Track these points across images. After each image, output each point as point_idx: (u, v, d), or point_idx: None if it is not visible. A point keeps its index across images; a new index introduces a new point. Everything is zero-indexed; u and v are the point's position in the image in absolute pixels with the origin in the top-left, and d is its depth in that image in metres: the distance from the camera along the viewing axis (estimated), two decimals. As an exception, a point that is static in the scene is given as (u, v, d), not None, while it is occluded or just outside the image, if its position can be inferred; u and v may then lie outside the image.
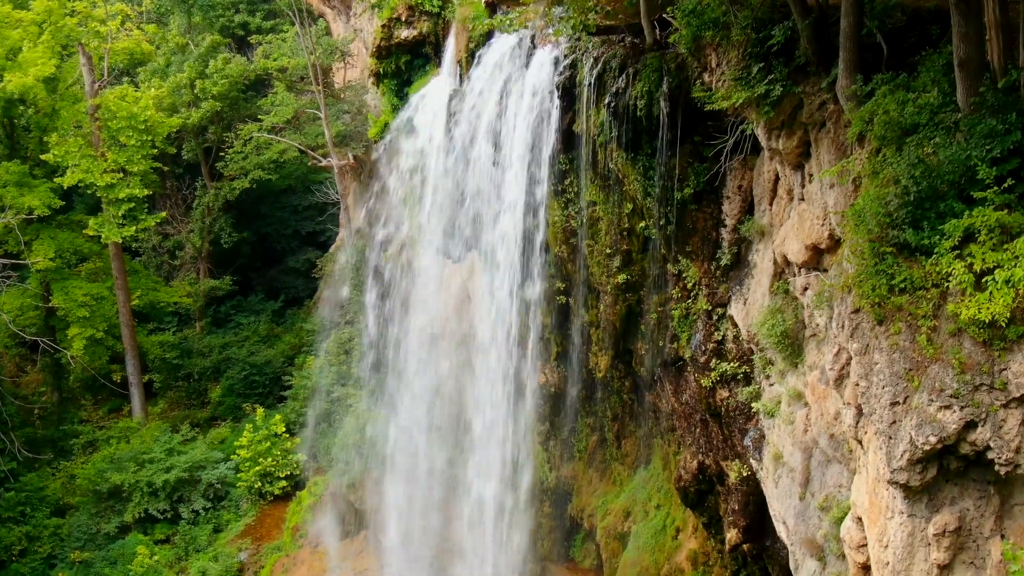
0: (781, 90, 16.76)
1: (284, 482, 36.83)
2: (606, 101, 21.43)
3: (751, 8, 17.11)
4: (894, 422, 13.05)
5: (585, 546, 31.21)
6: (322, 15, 49.95)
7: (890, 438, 13.07)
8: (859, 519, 15.05)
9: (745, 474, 21.13)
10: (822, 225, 17.16)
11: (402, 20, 33.24)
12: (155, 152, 41.08)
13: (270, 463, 36.65)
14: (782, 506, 19.15)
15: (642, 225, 23.29)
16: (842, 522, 16.11)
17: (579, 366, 28.13)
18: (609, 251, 24.56)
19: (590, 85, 21.90)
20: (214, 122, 46.76)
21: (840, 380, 15.81)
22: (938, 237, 12.96)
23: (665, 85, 20.09)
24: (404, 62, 34.49)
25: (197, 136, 47.30)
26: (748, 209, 20.66)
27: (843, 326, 14.33)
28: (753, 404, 20.50)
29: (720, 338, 21.46)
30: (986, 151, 12.80)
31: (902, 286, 13.21)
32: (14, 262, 39.40)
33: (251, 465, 36.59)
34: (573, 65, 23.02)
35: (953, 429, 12.46)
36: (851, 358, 14.44)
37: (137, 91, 41.71)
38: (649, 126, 20.81)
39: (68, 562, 35.41)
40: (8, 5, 40.14)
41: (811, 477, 18.23)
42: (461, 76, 29.60)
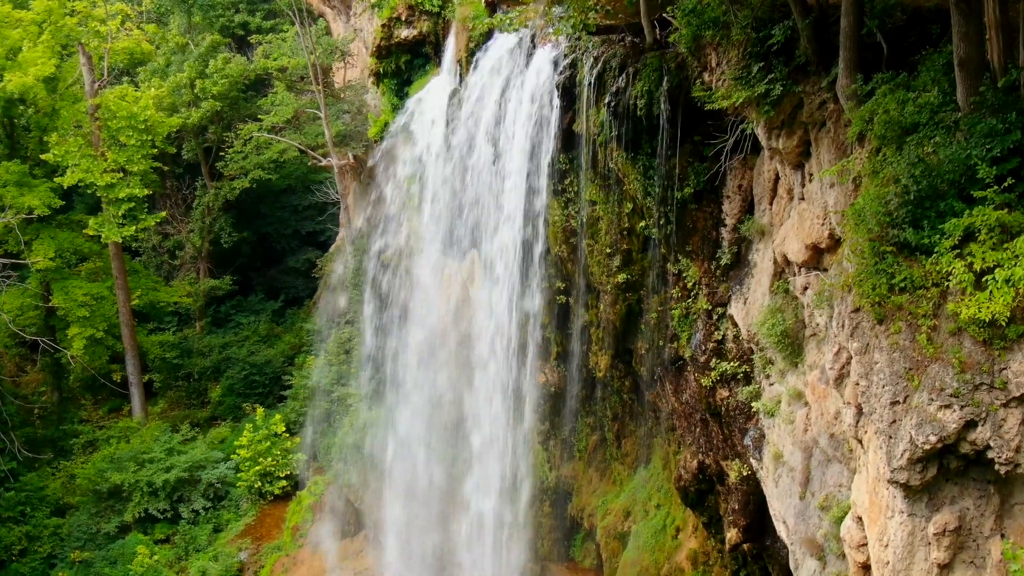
0: (781, 89, 16.77)
1: (284, 482, 36.84)
2: (606, 100, 21.42)
3: (751, 7, 17.12)
4: (894, 421, 13.05)
5: (585, 546, 31.20)
6: (322, 15, 49.96)
7: (890, 437, 13.07)
8: (859, 518, 15.05)
9: (745, 473, 21.13)
10: (822, 224, 17.17)
11: (402, 20, 33.23)
12: (155, 152, 41.09)
13: (270, 463, 36.65)
14: (782, 505, 19.14)
15: (642, 224, 23.28)
16: (842, 521, 16.11)
17: (579, 366, 28.12)
18: (609, 251, 24.55)
19: (590, 84, 21.88)
20: (214, 122, 46.77)
21: (840, 379, 15.81)
22: (938, 236, 12.95)
23: (665, 84, 20.09)
24: (404, 62, 34.47)
25: (197, 136, 47.31)
26: (748, 208, 20.67)
27: (843, 325, 14.33)
28: (753, 403, 20.50)
29: (720, 337, 21.45)
30: (986, 150, 12.80)
31: (902, 285, 13.21)
32: (14, 262, 39.41)
33: (251, 465, 36.59)
34: (573, 64, 23.00)
35: (953, 428, 12.45)
36: (851, 357, 14.43)
37: (137, 91, 41.73)
38: (649, 125, 20.81)
39: (68, 562, 35.40)
40: (8, 5, 40.15)
41: (811, 476, 18.23)
42: (461, 75, 29.58)
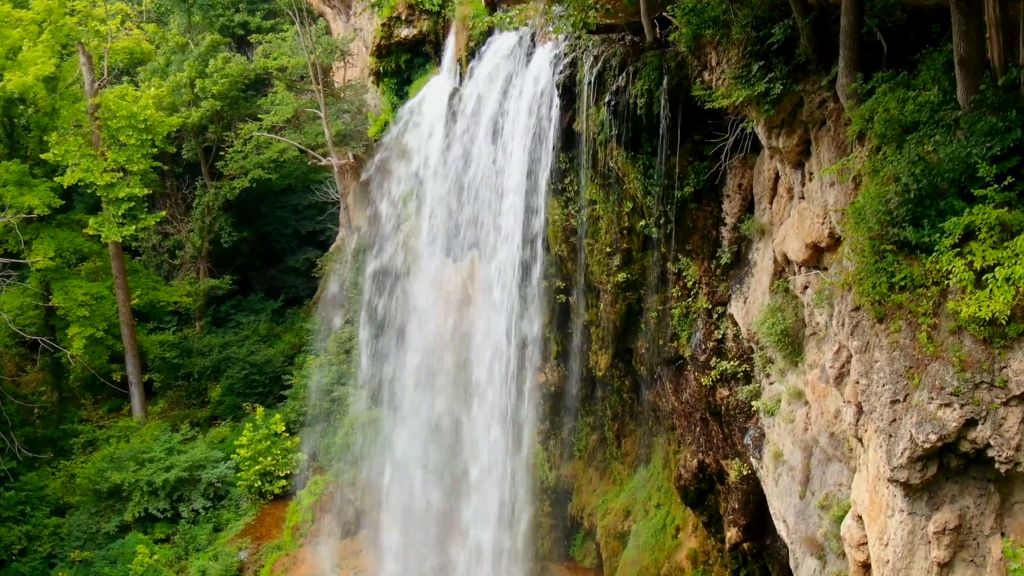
0: (781, 88, 16.78)
1: (284, 481, 36.79)
2: (606, 99, 21.40)
3: (751, 6, 17.13)
4: (894, 420, 13.05)
5: (585, 545, 31.18)
6: (322, 14, 49.96)
7: (890, 436, 13.06)
8: (859, 517, 15.05)
9: (745, 473, 21.13)
10: (822, 223, 17.17)
11: (402, 19, 33.20)
12: (155, 151, 41.06)
13: (270, 462, 36.62)
14: (782, 505, 19.14)
15: (642, 224, 23.27)
16: (842, 520, 16.11)
17: (579, 365, 28.10)
18: (609, 250, 24.53)
19: (590, 84, 21.86)
20: (214, 121, 46.75)
21: (840, 378, 15.80)
22: (938, 235, 12.96)
23: (665, 83, 20.08)
24: (404, 61, 34.43)
25: (197, 135, 47.29)
26: (748, 208, 20.67)
27: (843, 324, 14.33)
28: (753, 403, 20.50)
29: (720, 337, 21.46)
30: (986, 149, 12.80)
31: (902, 284, 13.21)
32: (14, 261, 39.39)
33: (251, 464, 36.56)
34: (573, 64, 22.97)
35: (953, 427, 12.45)
36: (851, 356, 14.43)
37: (137, 90, 41.69)
38: (649, 124, 20.80)
39: (68, 561, 35.37)
40: (8, 4, 40.12)
41: (811, 475, 18.23)
42: (461, 74, 29.56)
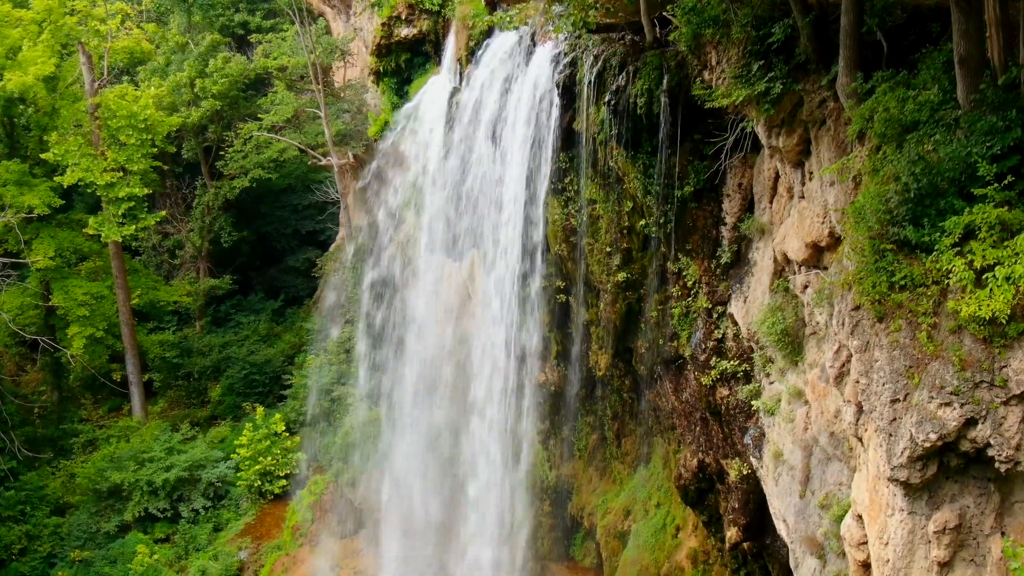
0: (781, 88, 16.78)
1: (284, 481, 36.82)
2: (606, 99, 21.39)
3: (751, 6, 17.12)
4: (894, 419, 13.04)
5: (585, 545, 31.17)
6: (322, 14, 49.98)
7: (890, 435, 13.06)
8: (859, 517, 15.04)
9: (745, 472, 21.12)
10: (822, 223, 17.17)
11: (402, 18, 33.20)
12: (155, 151, 41.09)
13: (270, 462, 36.64)
14: (782, 504, 19.14)
15: (642, 223, 23.26)
16: (842, 520, 16.10)
17: (579, 365, 28.10)
18: (609, 249, 24.52)
19: (590, 83, 21.84)
20: (214, 121, 46.77)
21: (840, 378, 15.80)
22: (938, 234, 12.95)
23: (665, 83, 20.07)
24: (404, 60, 34.44)
25: (197, 135, 47.30)
26: (748, 207, 20.66)
27: (843, 323, 14.32)
28: (753, 402, 20.49)
29: (720, 336, 21.45)
30: (986, 148, 12.80)
31: (902, 283, 13.20)
32: (14, 261, 39.39)
33: (251, 464, 36.58)
34: (573, 63, 22.96)
35: (953, 426, 12.44)
36: (851, 355, 14.43)
37: (137, 90, 41.71)
38: (649, 124, 20.79)
39: (68, 561, 35.39)
40: (8, 4, 40.13)
41: (811, 475, 18.22)
42: (461, 74, 29.54)
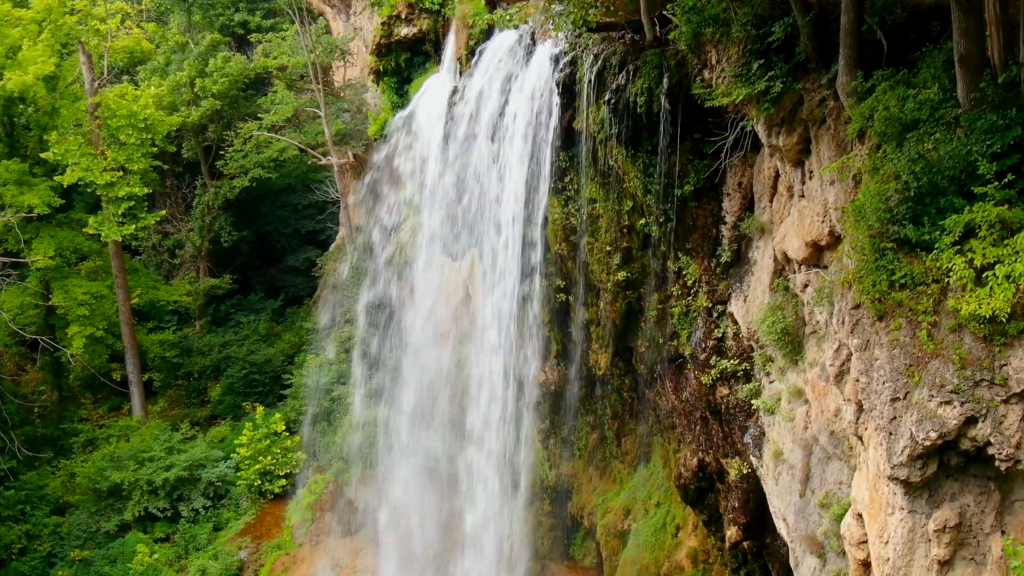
0: (781, 87, 16.78)
1: (284, 480, 36.81)
2: (606, 98, 21.37)
3: (751, 5, 17.12)
4: (894, 418, 13.04)
5: (585, 544, 31.16)
6: (322, 13, 50.01)
7: (890, 434, 13.06)
8: (859, 515, 15.04)
9: (745, 471, 21.11)
10: (822, 222, 17.17)
11: (402, 17, 33.19)
12: (155, 150, 41.10)
13: (270, 461, 36.63)
14: (782, 503, 19.14)
15: (642, 222, 23.25)
16: (842, 519, 16.09)
17: (579, 364, 28.10)
18: (609, 248, 24.52)
19: (590, 82, 21.82)
20: (214, 120, 46.77)
21: (840, 376, 15.79)
22: (938, 232, 12.94)
23: (665, 82, 20.06)
24: (404, 59, 34.42)
25: (197, 134, 47.31)
26: (748, 206, 20.66)
27: (843, 322, 14.31)
28: (753, 401, 20.49)
29: (720, 335, 21.44)
30: (986, 146, 12.80)
31: (902, 282, 13.19)
32: (14, 260, 39.38)
33: (251, 463, 36.57)
34: (573, 62, 22.94)
35: (953, 425, 12.44)
36: (851, 354, 14.43)
37: (137, 89, 41.73)
38: (649, 123, 20.78)
39: (68, 560, 35.38)
40: (8, 3, 40.14)
41: (811, 474, 18.22)
42: (461, 73, 29.54)
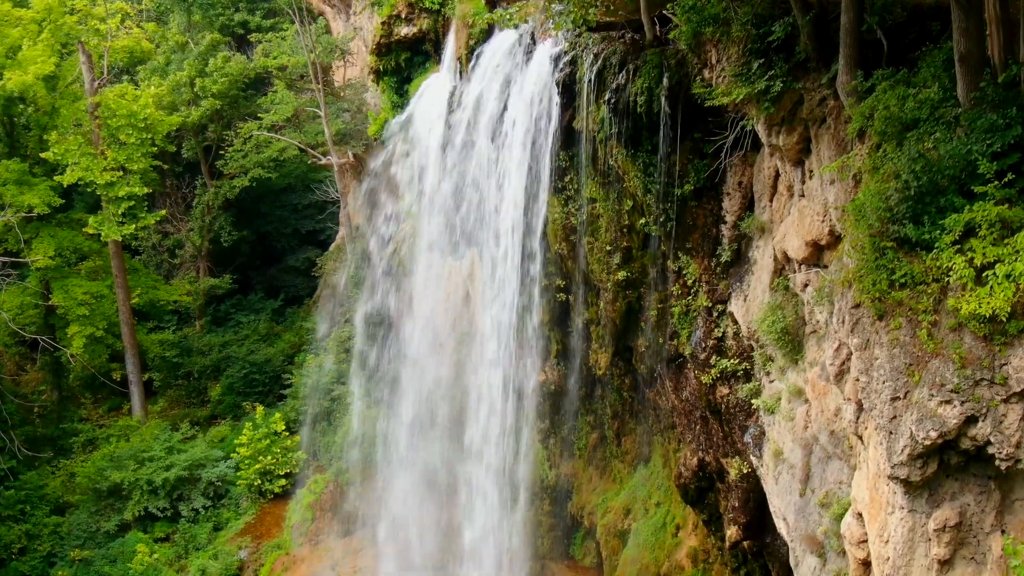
0: (781, 86, 16.79)
1: (284, 480, 36.80)
2: (606, 97, 21.38)
3: (751, 4, 17.13)
4: (894, 417, 13.04)
5: (585, 544, 31.17)
6: (322, 13, 50.01)
7: (890, 433, 13.05)
8: (859, 515, 15.04)
9: (745, 471, 21.12)
10: (822, 221, 17.17)
11: (402, 17, 33.18)
12: (155, 150, 41.08)
13: (270, 461, 36.62)
14: (782, 503, 19.14)
15: (642, 222, 23.26)
16: (842, 518, 16.10)
17: (579, 363, 28.11)
18: (609, 248, 24.53)
19: (590, 81, 21.83)
20: (214, 120, 46.77)
21: (840, 376, 15.80)
22: (939, 232, 12.94)
23: (665, 81, 20.06)
24: (404, 59, 34.40)
25: (197, 134, 47.31)
26: (748, 205, 20.67)
27: (843, 321, 14.31)
28: (753, 401, 20.50)
29: (720, 335, 21.45)
30: (986, 146, 12.80)
31: (903, 281, 13.19)
32: (14, 260, 39.36)
33: (251, 463, 36.55)
34: (573, 61, 22.95)
35: (953, 424, 12.44)
36: (851, 353, 14.42)
37: (137, 89, 41.72)
38: (649, 122, 20.79)
39: (68, 560, 35.36)
40: (8, 3, 40.12)
41: (811, 473, 18.22)
42: (461, 72, 29.54)
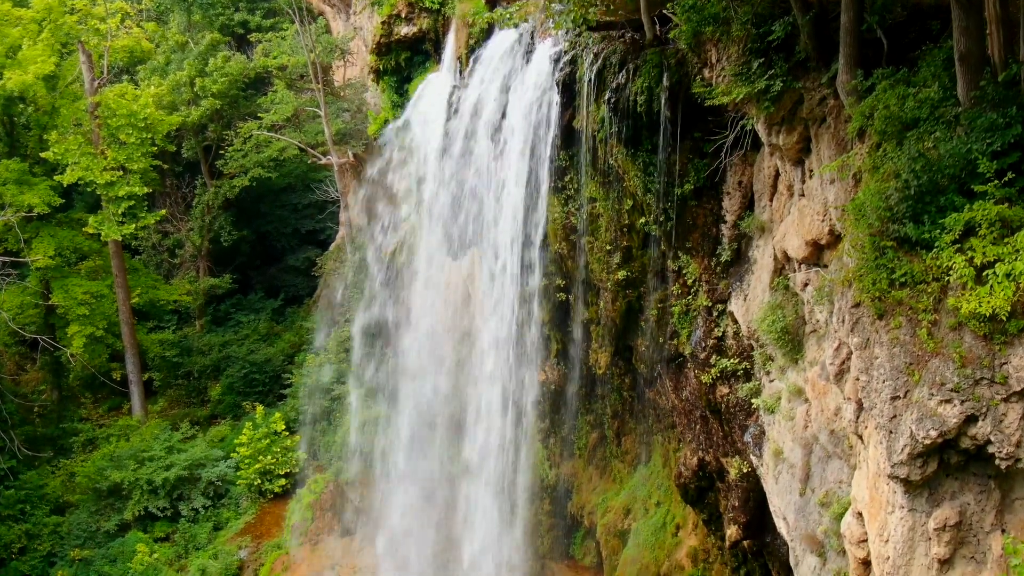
0: (781, 85, 16.77)
1: (284, 480, 36.82)
2: (606, 97, 21.35)
3: (751, 4, 17.11)
4: (894, 416, 13.03)
5: (585, 544, 31.18)
6: (322, 13, 49.99)
7: (890, 432, 13.05)
8: (859, 514, 15.03)
9: (745, 470, 21.11)
10: (822, 221, 17.16)
11: (402, 17, 33.17)
12: (155, 150, 41.12)
13: (270, 461, 36.64)
14: (782, 502, 19.14)
15: (642, 221, 23.25)
16: (842, 518, 16.09)
17: (579, 363, 28.11)
18: (609, 247, 24.52)
19: (590, 81, 21.81)
20: (214, 120, 46.78)
21: (840, 375, 15.79)
22: (939, 231, 12.93)
23: (665, 81, 20.04)
24: (404, 59, 34.39)
25: (197, 134, 47.31)
26: (748, 205, 20.65)
27: (843, 321, 14.31)
28: (753, 400, 20.49)
29: (720, 334, 21.44)
30: (986, 145, 12.79)
31: (902, 280, 13.18)
32: (14, 260, 39.39)
33: (251, 463, 36.58)
34: (573, 61, 22.93)
35: (953, 423, 12.43)
36: (851, 353, 14.42)
37: (137, 89, 41.74)
38: (649, 122, 20.76)
39: (68, 560, 35.39)
40: (8, 3, 40.14)
41: (811, 473, 18.22)
42: (461, 72, 29.53)
